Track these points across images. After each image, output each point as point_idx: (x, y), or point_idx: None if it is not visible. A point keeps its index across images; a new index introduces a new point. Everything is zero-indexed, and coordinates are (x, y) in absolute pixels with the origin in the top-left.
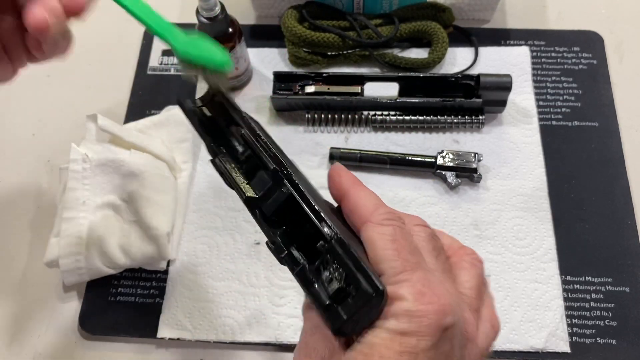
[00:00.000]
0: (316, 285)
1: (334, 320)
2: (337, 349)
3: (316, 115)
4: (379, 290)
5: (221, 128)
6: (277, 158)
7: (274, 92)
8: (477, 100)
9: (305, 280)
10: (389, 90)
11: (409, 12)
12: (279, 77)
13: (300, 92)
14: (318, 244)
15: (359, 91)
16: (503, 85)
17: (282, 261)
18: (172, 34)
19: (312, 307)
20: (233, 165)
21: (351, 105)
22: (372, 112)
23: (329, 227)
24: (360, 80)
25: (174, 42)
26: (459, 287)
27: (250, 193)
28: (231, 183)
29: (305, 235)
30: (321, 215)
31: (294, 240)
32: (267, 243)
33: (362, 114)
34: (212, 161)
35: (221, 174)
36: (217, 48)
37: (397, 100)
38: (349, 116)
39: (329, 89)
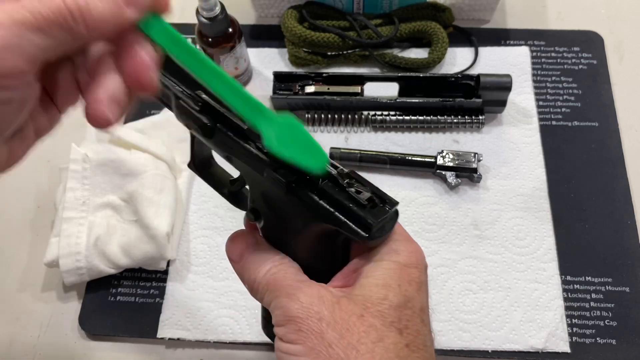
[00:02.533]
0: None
1: (372, 218)
2: (341, 293)
3: (316, 115)
4: (398, 203)
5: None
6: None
7: (274, 92)
8: (477, 100)
9: (341, 185)
10: (388, 90)
11: (409, 12)
12: (279, 77)
13: (300, 92)
14: (338, 169)
15: (359, 91)
16: (503, 85)
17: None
18: (263, 121)
19: (287, 267)
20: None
21: (351, 105)
22: (372, 112)
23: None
24: (360, 80)
25: (265, 133)
26: None
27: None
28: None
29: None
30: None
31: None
32: (274, 169)
33: (362, 114)
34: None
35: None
36: (313, 147)
37: (397, 100)
38: (349, 116)
39: (329, 89)
